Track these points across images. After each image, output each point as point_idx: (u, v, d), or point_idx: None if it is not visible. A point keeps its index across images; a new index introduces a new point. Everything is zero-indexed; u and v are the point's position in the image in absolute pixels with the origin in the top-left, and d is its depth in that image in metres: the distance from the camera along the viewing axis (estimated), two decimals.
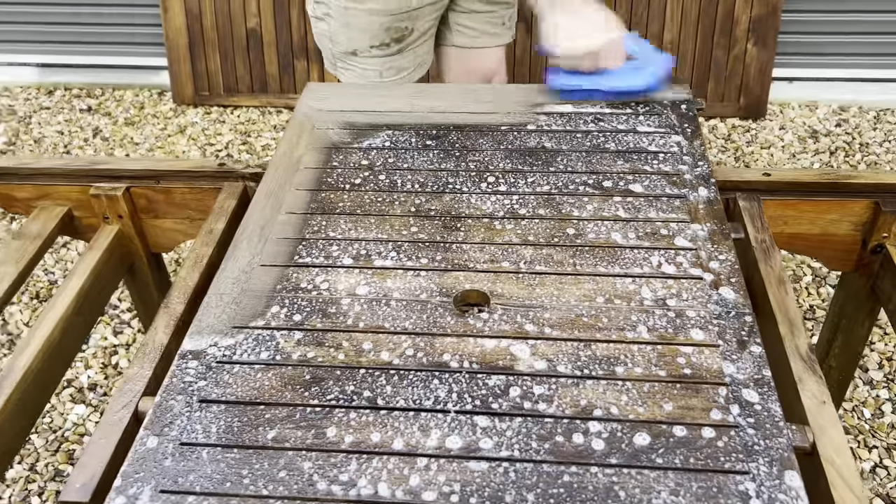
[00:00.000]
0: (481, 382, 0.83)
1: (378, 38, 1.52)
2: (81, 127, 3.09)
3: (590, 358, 0.86)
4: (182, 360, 0.87)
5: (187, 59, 3.10)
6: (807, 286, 2.16)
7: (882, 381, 1.88)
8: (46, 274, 2.36)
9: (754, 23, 2.80)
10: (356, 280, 0.97)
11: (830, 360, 1.35)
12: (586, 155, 1.18)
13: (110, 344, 2.10)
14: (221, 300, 0.95)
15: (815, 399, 0.84)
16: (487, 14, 1.64)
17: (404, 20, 1.51)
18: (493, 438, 0.77)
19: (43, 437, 1.86)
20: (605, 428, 0.78)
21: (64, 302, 1.15)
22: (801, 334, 0.91)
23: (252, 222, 1.08)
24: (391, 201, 1.11)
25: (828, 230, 1.19)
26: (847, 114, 2.95)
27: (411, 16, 1.51)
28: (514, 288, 0.95)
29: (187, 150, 2.92)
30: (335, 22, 1.51)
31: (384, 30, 1.51)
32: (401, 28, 1.52)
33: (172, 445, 0.78)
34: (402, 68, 1.60)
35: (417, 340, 0.89)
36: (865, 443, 1.74)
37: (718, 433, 0.77)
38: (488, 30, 1.67)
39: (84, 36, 3.38)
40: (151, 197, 1.29)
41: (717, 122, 2.92)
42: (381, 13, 1.48)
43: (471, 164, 1.18)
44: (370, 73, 1.57)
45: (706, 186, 1.10)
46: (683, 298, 0.92)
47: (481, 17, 1.64)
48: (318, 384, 0.84)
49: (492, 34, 1.69)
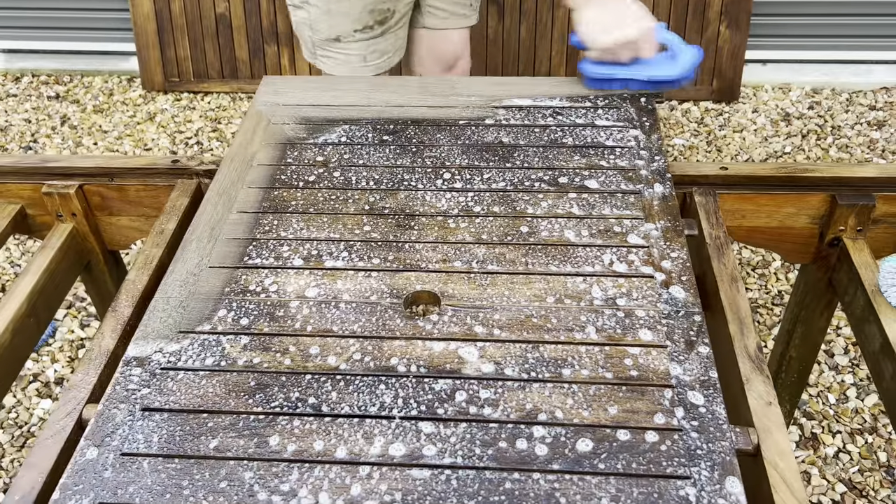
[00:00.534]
0: (428, 387, 0.83)
1: (361, 22, 1.51)
2: (49, 115, 3.04)
3: (537, 360, 0.85)
4: (126, 366, 0.86)
5: (156, 45, 3.05)
6: (776, 271, 2.17)
7: (847, 366, 1.90)
8: (12, 266, 2.33)
9: (727, 5, 2.78)
10: (306, 282, 0.96)
11: (791, 350, 1.36)
12: (543, 150, 1.17)
13: (77, 337, 2.08)
14: (168, 304, 0.94)
15: (762, 400, 0.84)
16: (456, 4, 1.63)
17: (386, 1, 1.50)
18: (436, 445, 0.77)
19: (8, 433, 1.84)
20: (549, 433, 0.78)
21: (15, 303, 1.13)
22: (750, 334, 0.91)
23: (203, 222, 1.06)
24: (345, 199, 1.09)
25: (785, 223, 1.19)
26: (820, 96, 2.96)
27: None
28: (465, 288, 0.94)
29: (157, 138, 2.88)
30: (315, 9, 1.49)
31: (368, 12, 1.50)
32: (384, 10, 1.51)
33: (113, 456, 0.77)
34: (385, 51, 1.58)
35: (365, 344, 0.88)
36: (829, 428, 1.76)
37: (662, 437, 0.77)
38: (457, 11, 1.66)
39: (52, 21, 3.31)
40: (105, 194, 1.26)
41: (690, 105, 2.91)
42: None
43: (427, 160, 1.16)
44: (353, 59, 1.55)
45: (661, 182, 1.09)
46: (633, 298, 0.92)
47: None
48: (262, 391, 0.83)
49: (459, 15, 1.68)
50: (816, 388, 1.85)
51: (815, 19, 2.99)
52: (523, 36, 2.90)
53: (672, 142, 2.73)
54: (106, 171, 1.24)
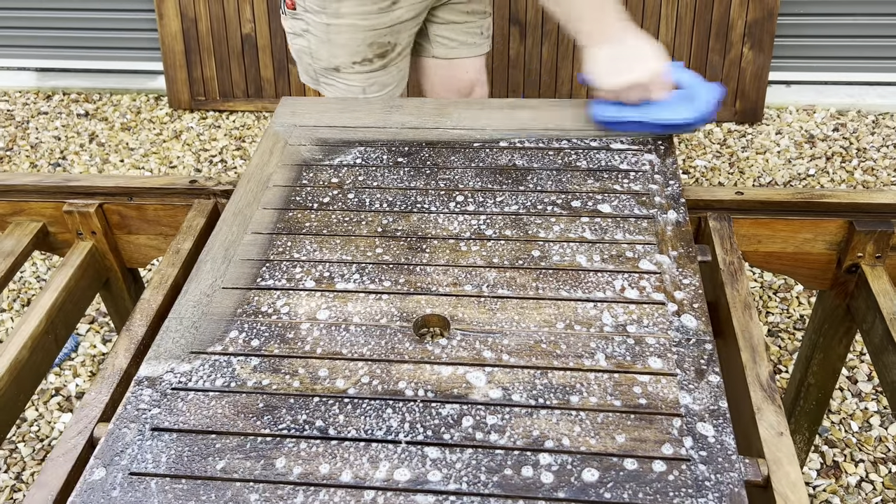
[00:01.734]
0: (434, 412, 0.83)
1: (360, 55, 1.51)
2: (78, 132, 3.10)
3: (545, 386, 0.85)
4: (137, 386, 0.87)
5: (183, 65, 3.11)
6: (798, 295, 2.14)
7: (870, 393, 1.86)
8: (38, 281, 2.37)
9: (750, 27, 2.77)
10: (317, 304, 0.97)
11: (809, 377, 1.34)
12: (557, 173, 1.17)
13: (99, 352, 2.11)
14: (181, 324, 0.95)
15: (773, 430, 0.82)
16: (465, 25, 1.64)
17: (387, 35, 1.50)
18: (441, 471, 0.77)
19: (29, 446, 1.86)
20: (556, 460, 0.77)
21: (34, 320, 1.16)
22: (763, 362, 0.90)
23: (218, 242, 1.07)
24: (358, 221, 1.10)
25: (802, 249, 1.17)
26: (845, 118, 2.92)
27: (394, 30, 1.50)
28: (475, 312, 0.94)
29: (182, 155, 2.92)
30: (315, 38, 1.50)
31: (367, 45, 1.49)
32: (384, 44, 1.51)
33: (122, 475, 0.78)
34: (386, 84, 1.59)
35: (374, 367, 0.88)
36: (852, 456, 1.72)
37: (669, 467, 0.76)
38: (467, 40, 1.67)
39: (83, 41, 3.39)
40: (124, 213, 1.29)
41: (713, 126, 2.90)
42: (363, 29, 1.47)
43: (440, 182, 1.17)
44: (354, 90, 1.56)
45: (675, 207, 1.08)
46: (644, 325, 0.91)
47: (460, 28, 1.64)
48: (270, 413, 0.83)
49: (470, 44, 1.68)
50: (839, 415, 1.81)
51: (841, 41, 2.97)
52: (545, 57, 2.91)
53: (694, 163, 2.72)
54: (126, 190, 1.26)
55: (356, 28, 1.46)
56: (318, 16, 1.46)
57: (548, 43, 2.89)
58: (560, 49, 2.89)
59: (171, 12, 3.03)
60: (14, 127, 3.16)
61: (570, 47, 2.89)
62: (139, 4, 3.22)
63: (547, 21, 2.86)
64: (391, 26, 1.48)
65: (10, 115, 3.24)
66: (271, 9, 2.97)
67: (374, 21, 1.46)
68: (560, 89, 2.96)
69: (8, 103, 3.33)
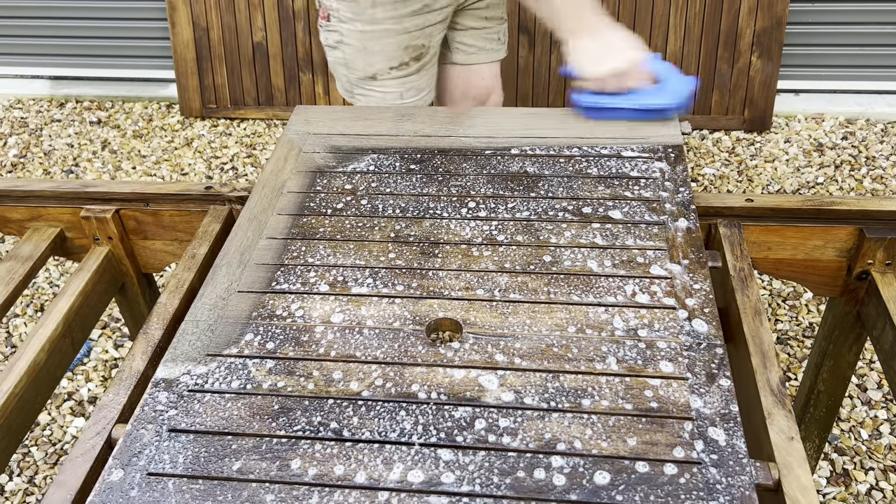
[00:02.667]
0: (447, 414, 0.84)
1: (397, 59, 1.52)
2: (91, 139, 3.13)
3: (557, 390, 0.86)
4: (154, 388, 0.88)
5: (195, 73, 3.14)
6: (807, 303, 2.14)
7: (881, 400, 1.86)
8: (52, 286, 2.39)
9: (758, 36, 2.78)
10: (331, 307, 0.98)
11: (819, 384, 1.34)
12: (568, 180, 1.18)
13: (111, 357, 2.12)
14: (197, 327, 0.96)
15: (784, 435, 0.83)
16: (483, 31, 1.66)
17: (420, 38, 1.52)
18: (455, 472, 0.78)
19: (42, 450, 1.88)
20: (568, 463, 0.78)
21: (51, 324, 1.17)
22: (773, 367, 0.91)
23: (233, 247, 1.09)
24: (371, 227, 1.11)
25: (812, 256, 1.18)
26: (854, 126, 2.93)
27: (426, 33, 1.52)
28: (487, 316, 0.95)
29: (193, 162, 2.95)
30: (350, 48, 1.51)
31: (403, 49, 1.51)
32: (418, 46, 1.53)
33: (140, 475, 0.79)
34: (421, 88, 1.59)
35: (387, 370, 0.89)
36: (862, 464, 1.72)
37: (681, 470, 0.77)
38: (485, 46, 1.68)
39: (96, 49, 3.43)
40: (140, 219, 1.30)
41: (722, 135, 2.90)
42: (398, 32, 1.48)
43: (453, 188, 1.18)
44: (390, 96, 1.57)
45: (686, 213, 1.09)
46: (655, 329, 0.92)
47: (478, 34, 1.66)
48: (285, 414, 0.84)
49: (488, 50, 1.70)
50: (848, 422, 1.81)
51: (849, 50, 2.97)
52: (553, 65, 2.93)
53: (703, 171, 2.72)
54: (142, 196, 1.28)
55: (391, 32, 1.48)
56: (352, 24, 1.47)
57: (556, 51, 2.90)
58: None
59: (184, 21, 3.06)
60: (28, 134, 3.19)
61: None
62: (151, 14, 3.26)
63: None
64: (423, 28, 1.51)
65: (24, 122, 3.28)
66: (282, 18, 3.00)
67: (407, 24, 1.47)
68: (569, 97, 2.97)
69: (22, 111, 3.37)
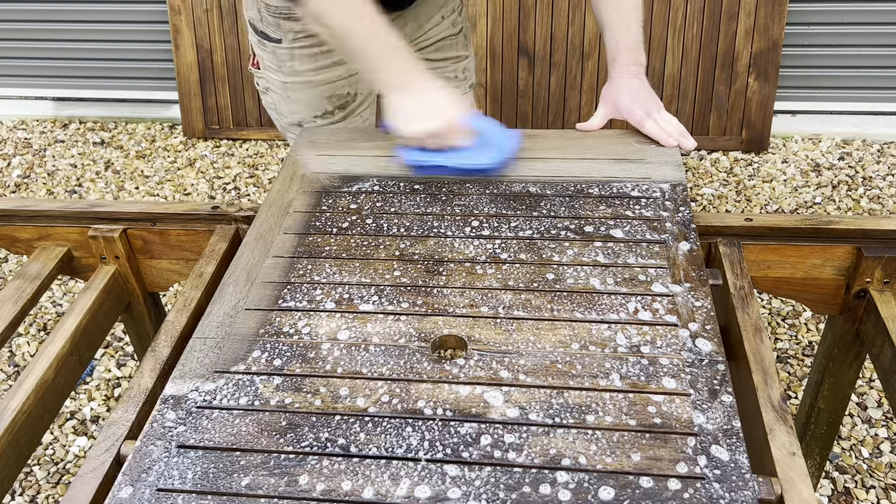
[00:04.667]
0: (453, 430, 0.85)
1: (321, 108, 1.50)
2: (94, 160, 3.15)
3: (562, 406, 0.87)
4: (163, 404, 0.89)
5: (198, 94, 3.17)
6: (806, 322, 2.16)
7: (881, 419, 1.87)
8: (55, 306, 2.40)
9: (755, 57, 2.82)
10: (337, 324, 0.99)
11: (819, 402, 1.35)
12: (569, 199, 1.20)
13: (113, 376, 2.13)
14: (205, 344, 0.98)
15: (785, 450, 0.84)
16: (438, 70, 1.60)
17: (345, 86, 1.48)
18: (461, 488, 0.79)
19: (45, 469, 1.88)
20: (573, 478, 0.79)
21: (59, 342, 1.18)
22: (774, 384, 0.92)
23: (240, 266, 1.10)
24: (376, 245, 1.13)
25: (811, 274, 1.19)
26: (850, 147, 2.96)
27: (351, 81, 1.48)
28: (491, 333, 0.97)
29: (196, 183, 2.97)
30: (276, 95, 1.50)
31: (325, 98, 1.48)
32: (342, 95, 1.49)
33: (149, 491, 0.80)
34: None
35: (393, 386, 0.90)
36: (863, 483, 1.72)
37: (684, 485, 0.78)
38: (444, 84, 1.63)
39: (99, 71, 3.46)
40: (147, 238, 1.32)
41: (720, 155, 2.93)
42: (319, 83, 1.46)
43: (456, 208, 1.20)
44: None
45: (686, 232, 1.11)
46: (657, 346, 0.93)
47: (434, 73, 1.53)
48: (293, 430, 0.85)
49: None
50: (849, 441, 1.82)
51: (845, 71, 3.01)
52: (553, 87, 2.96)
53: (701, 191, 2.75)
54: (149, 215, 1.30)
55: (312, 84, 1.46)
56: (275, 74, 1.46)
57: (556, 74, 2.94)
58: (568, 80, 2.94)
59: (187, 43, 3.10)
60: (31, 155, 3.22)
61: (578, 78, 2.94)
62: (155, 36, 3.30)
63: (555, 52, 2.91)
64: (348, 77, 1.47)
65: (28, 143, 3.31)
66: None
67: (328, 74, 1.45)
68: (568, 118, 3.01)
69: (26, 132, 3.39)
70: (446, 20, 1.56)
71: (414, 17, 1.49)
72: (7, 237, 1.36)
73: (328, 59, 1.44)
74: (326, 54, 1.43)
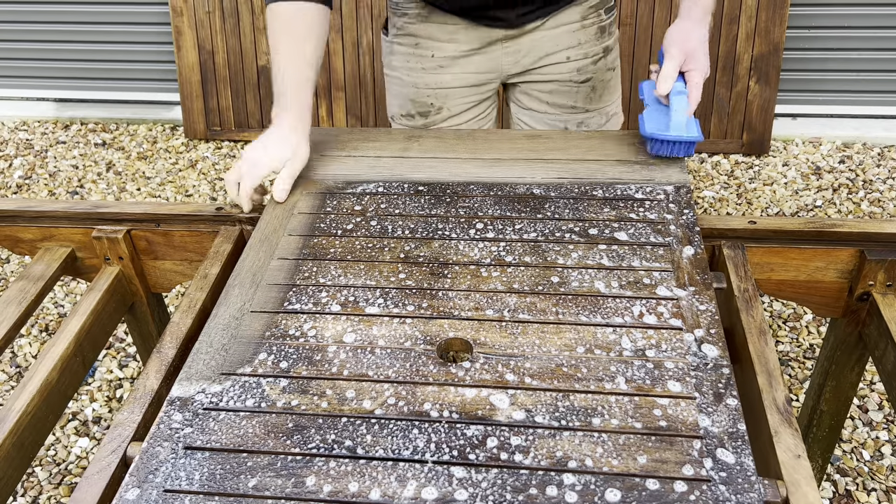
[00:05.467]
0: (460, 432, 0.85)
1: (405, 108, 1.54)
2: (95, 161, 3.16)
3: (568, 409, 0.87)
4: (170, 406, 0.90)
5: (199, 96, 3.17)
6: (807, 324, 2.16)
7: (882, 422, 1.87)
8: (56, 307, 2.40)
9: (756, 61, 2.82)
10: (343, 327, 0.99)
11: (822, 404, 1.35)
12: (573, 202, 1.20)
13: (115, 377, 2.13)
14: (211, 346, 0.98)
15: (791, 453, 0.84)
16: (546, 115, 1.52)
17: (430, 96, 1.49)
18: (468, 490, 0.79)
19: (46, 470, 1.88)
20: (579, 480, 0.79)
21: (63, 343, 1.18)
22: (779, 386, 0.92)
23: (245, 268, 1.11)
24: (381, 247, 1.13)
25: (814, 277, 1.20)
26: (851, 150, 2.96)
27: (438, 94, 1.48)
28: (496, 336, 0.97)
29: (197, 184, 2.97)
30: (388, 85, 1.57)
31: (409, 101, 1.51)
32: (425, 103, 1.50)
33: (156, 492, 0.80)
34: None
35: (399, 389, 0.91)
36: (864, 485, 1.73)
37: (690, 487, 0.78)
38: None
39: (101, 72, 3.47)
40: (151, 239, 1.32)
41: (721, 158, 2.94)
42: (407, 84, 1.50)
43: (461, 210, 1.20)
44: None
45: (691, 235, 1.11)
46: (662, 349, 0.94)
47: (539, 118, 1.53)
48: (300, 432, 0.86)
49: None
50: (850, 443, 1.82)
51: (846, 75, 3.02)
52: None
53: (702, 194, 2.75)
54: (153, 216, 1.30)
55: (402, 82, 1.50)
56: (385, 67, 1.54)
57: None
58: None
59: (189, 45, 3.10)
60: (33, 156, 3.22)
61: None
62: (157, 38, 3.30)
63: None
64: (435, 89, 1.48)
65: (30, 144, 3.31)
66: None
67: (416, 78, 1.48)
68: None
69: (27, 133, 3.39)
70: (572, 63, 1.45)
71: (529, 47, 1.42)
72: (10, 238, 1.36)
73: (418, 64, 1.46)
74: (418, 58, 1.45)
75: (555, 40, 1.42)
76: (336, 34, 2.99)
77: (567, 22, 1.41)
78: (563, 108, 1.50)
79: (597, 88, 1.49)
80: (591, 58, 1.45)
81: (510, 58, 1.44)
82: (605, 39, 1.46)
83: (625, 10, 2.83)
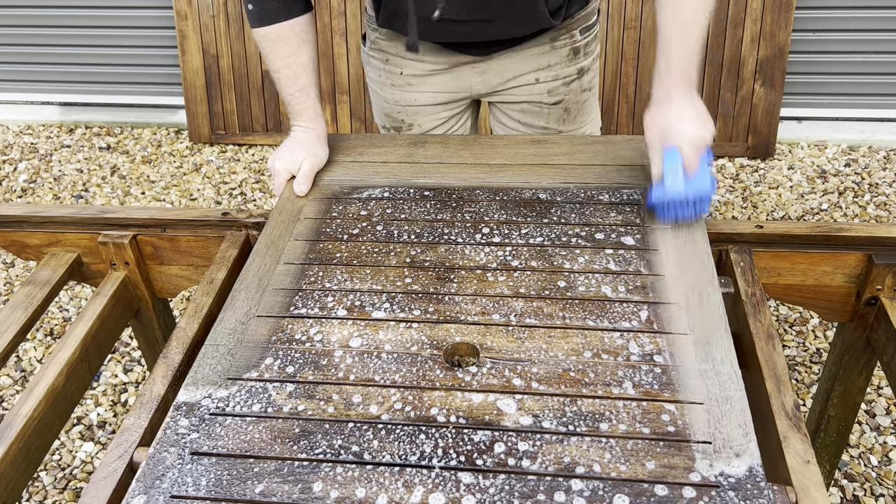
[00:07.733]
0: (467, 438, 0.85)
1: (382, 120, 1.55)
2: (100, 165, 3.16)
3: (575, 414, 0.87)
4: (176, 411, 0.89)
5: (204, 100, 3.18)
6: (814, 329, 2.15)
7: (889, 427, 1.86)
8: (61, 311, 2.41)
9: (761, 64, 2.82)
10: (349, 332, 0.99)
11: (829, 409, 1.35)
12: (580, 206, 1.20)
13: (120, 382, 2.13)
14: (217, 351, 0.98)
15: (799, 458, 0.84)
16: (517, 133, 1.50)
17: (400, 113, 1.49)
18: (475, 495, 0.78)
19: (51, 475, 1.88)
20: (587, 486, 0.79)
21: (69, 348, 1.18)
22: (787, 391, 0.92)
23: (251, 273, 1.10)
24: (387, 252, 1.13)
25: (822, 282, 1.19)
26: (857, 153, 2.95)
27: (408, 111, 1.48)
28: (503, 341, 0.97)
29: (202, 188, 2.97)
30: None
31: (384, 114, 1.53)
32: (397, 119, 1.50)
33: (163, 498, 0.80)
34: None
35: (406, 394, 0.90)
36: (872, 491, 1.72)
37: (699, 493, 0.77)
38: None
39: (105, 76, 3.47)
40: (157, 244, 1.32)
41: (726, 161, 2.93)
42: (380, 98, 1.50)
43: (466, 214, 1.20)
44: None
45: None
46: (670, 354, 0.93)
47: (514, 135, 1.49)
48: (306, 438, 0.85)
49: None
50: (858, 448, 1.81)
51: (851, 78, 3.01)
52: None
53: None
54: (159, 222, 1.30)
55: (377, 95, 1.51)
56: (366, 77, 1.55)
57: None
58: None
59: (194, 49, 3.10)
60: (38, 160, 3.22)
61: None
62: (161, 42, 3.31)
63: None
64: (405, 106, 1.47)
65: (35, 148, 3.31)
66: None
67: (387, 94, 1.47)
68: None
69: (32, 137, 3.40)
70: (542, 84, 1.41)
71: (497, 69, 1.40)
72: (17, 243, 1.36)
73: (388, 80, 1.46)
74: (388, 74, 1.44)
75: (523, 63, 1.38)
76: (340, 38, 2.99)
77: (536, 45, 1.37)
78: (535, 128, 1.47)
79: (570, 110, 1.45)
80: (561, 79, 1.40)
81: (479, 78, 1.41)
82: (579, 60, 1.40)
83: (630, 14, 2.83)
